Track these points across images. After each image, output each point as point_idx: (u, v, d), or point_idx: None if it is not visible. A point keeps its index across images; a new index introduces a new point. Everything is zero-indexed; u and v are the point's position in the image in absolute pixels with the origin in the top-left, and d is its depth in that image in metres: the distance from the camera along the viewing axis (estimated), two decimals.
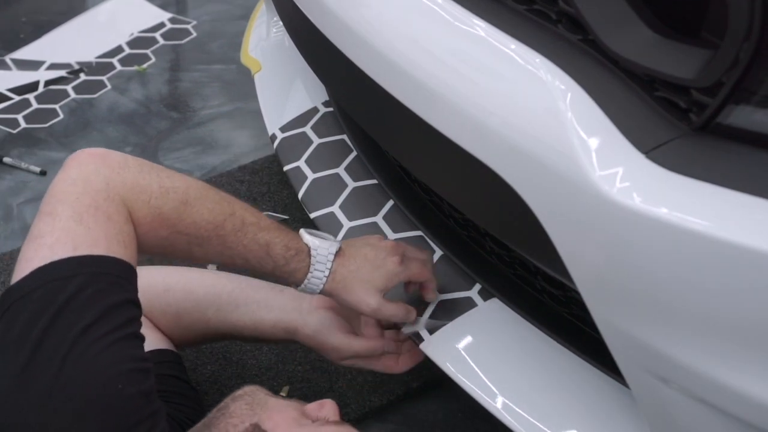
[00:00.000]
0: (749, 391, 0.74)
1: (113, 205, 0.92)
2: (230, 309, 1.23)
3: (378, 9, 1.04)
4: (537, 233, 0.84)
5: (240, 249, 1.03)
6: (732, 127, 0.75)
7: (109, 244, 0.89)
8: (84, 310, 0.84)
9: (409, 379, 1.39)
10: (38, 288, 0.85)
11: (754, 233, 0.70)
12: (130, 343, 0.87)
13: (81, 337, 0.83)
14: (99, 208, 0.91)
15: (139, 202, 0.94)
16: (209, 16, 2.54)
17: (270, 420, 0.98)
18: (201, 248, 1.01)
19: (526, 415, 1.03)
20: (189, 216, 0.98)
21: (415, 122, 0.95)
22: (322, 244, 1.08)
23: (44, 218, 0.90)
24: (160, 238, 0.97)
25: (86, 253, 0.87)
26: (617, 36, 0.82)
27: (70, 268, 0.86)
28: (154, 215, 0.95)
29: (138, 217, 0.94)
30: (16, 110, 2.11)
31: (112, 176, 0.93)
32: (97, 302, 0.85)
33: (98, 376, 0.83)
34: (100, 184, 0.92)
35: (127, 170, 0.95)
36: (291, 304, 1.22)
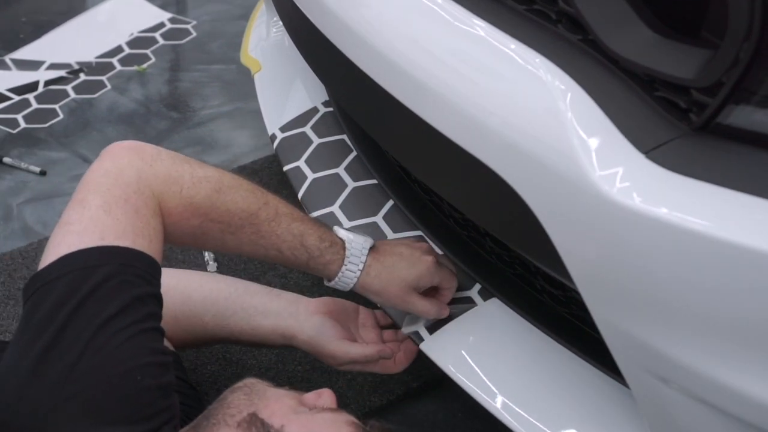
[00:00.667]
0: (749, 391, 0.74)
1: (142, 198, 0.93)
2: (227, 314, 1.24)
3: (378, 9, 1.04)
4: (537, 233, 0.84)
5: (274, 239, 1.04)
6: (732, 127, 0.75)
7: (135, 237, 0.90)
8: (108, 300, 0.85)
9: (409, 379, 1.39)
10: (65, 275, 0.86)
11: (754, 233, 0.70)
12: (151, 336, 0.87)
13: (104, 326, 0.83)
14: (128, 200, 0.92)
15: (170, 193, 0.95)
16: (209, 16, 2.54)
17: (267, 408, 0.98)
18: (234, 236, 1.02)
19: (525, 415, 1.03)
20: (222, 204, 0.99)
21: (415, 122, 0.95)
22: (356, 239, 1.09)
23: (75, 206, 0.91)
24: (192, 227, 0.98)
25: (113, 244, 0.88)
26: (617, 36, 0.82)
27: (97, 257, 0.87)
28: (186, 205, 0.97)
29: (169, 207, 0.95)
30: (15, 110, 2.11)
31: (144, 168, 0.94)
32: (121, 293, 0.86)
33: (117, 367, 0.83)
34: (131, 176, 0.93)
35: (159, 162, 0.96)
36: (288, 310, 1.22)
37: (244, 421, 0.96)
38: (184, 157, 1.00)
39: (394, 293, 1.10)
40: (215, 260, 1.61)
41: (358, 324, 1.24)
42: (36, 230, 1.74)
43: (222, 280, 1.30)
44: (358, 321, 1.24)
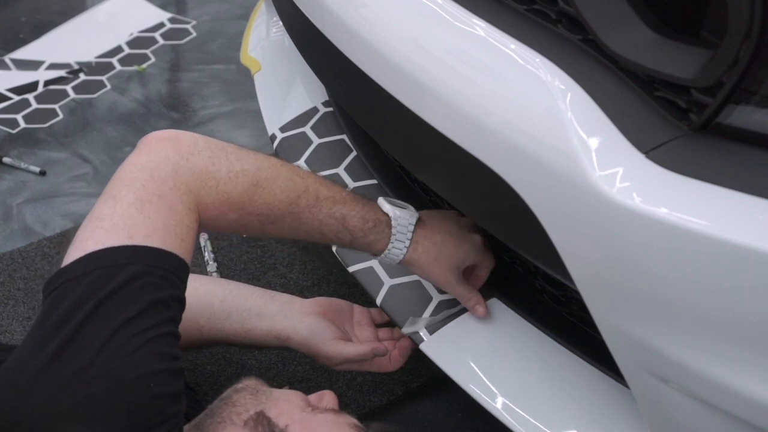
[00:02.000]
0: (749, 391, 0.74)
1: (178, 194, 0.91)
2: (222, 317, 1.23)
3: (378, 9, 1.04)
4: (537, 233, 0.84)
5: (315, 224, 1.03)
6: (732, 127, 0.75)
7: (166, 236, 0.88)
8: (129, 301, 0.84)
9: (409, 379, 1.39)
10: (89, 273, 0.84)
11: (754, 233, 0.70)
12: (166, 341, 0.86)
13: (120, 329, 0.82)
14: (163, 197, 0.90)
15: (206, 188, 0.94)
16: (209, 16, 2.53)
17: (275, 408, 0.98)
18: (274, 225, 1.01)
19: (525, 415, 1.03)
20: (260, 197, 0.98)
21: (415, 122, 0.95)
22: (402, 214, 1.07)
23: (107, 200, 0.90)
24: (230, 220, 0.97)
25: (141, 244, 0.86)
26: (617, 36, 0.82)
27: (124, 256, 0.85)
28: (223, 200, 0.95)
29: (206, 203, 0.94)
30: (15, 110, 2.11)
31: (181, 163, 0.92)
32: (144, 295, 0.84)
33: (130, 372, 0.82)
34: (168, 172, 0.91)
35: (197, 156, 0.94)
36: (282, 311, 1.22)
37: (251, 419, 0.96)
38: (222, 146, 0.98)
39: (438, 272, 1.10)
40: (215, 260, 1.61)
41: (353, 323, 1.24)
42: (36, 230, 1.74)
43: (216, 283, 1.30)
44: (353, 320, 1.24)
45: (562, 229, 0.83)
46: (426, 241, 1.08)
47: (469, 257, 1.11)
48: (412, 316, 1.17)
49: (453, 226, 1.11)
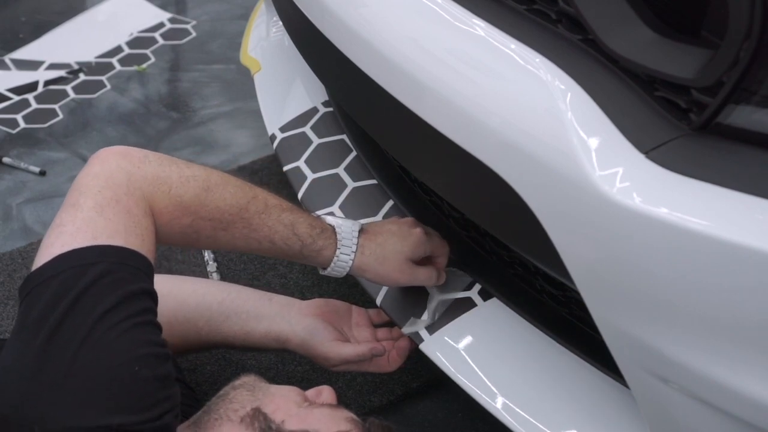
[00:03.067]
0: (749, 390, 0.74)
1: (133, 199, 0.94)
2: (221, 320, 1.24)
3: (378, 8, 1.04)
4: (537, 233, 0.84)
5: (266, 231, 1.05)
6: (732, 127, 0.75)
7: (128, 236, 0.91)
8: (103, 295, 0.86)
9: (409, 379, 1.39)
10: (59, 273, 0.87)
11: (754, 233, 0.70)
12: (147, 329, 0.88)
13: (99, 321, 0.84)
14: (119, 201, 0.93)
15: (159, 193, 0.97)
16: (209, 16, 2.53)
17: (272, 404, 0.99)
18: (226, 232, 1.03)
19: (525, 415, 1.03)
20: (211, 201, 1.00)
21: (415, 122, 0.95)
22: (345, 223, 1.10)
23: (67, 209, 0.93)
24: (183, 225, 1.00)
25: (106, 243, 0.89)
26: (617, 36, 0.82)
27: (91, 255, 0.88)
28: (176, 204, 0.98)
29: (159, 208, 0.97)
30: (15, 110, 2.11)
31: (132, 171, 0.96)
32: (116, 289, 0.87)
33: (114, 359, 0.84)
34: (121, 178, 0.95)
35: (147, 164, 0.98)
36: (280, 313, 1.23)
37: (247, 416, 0.97)
38: (170, 158, 1.01)
39: (392, 268, 1.11)
40: (215, 260, 1.61)
41: (351, 324, 1.24)
42: (35, 230, 1.74)
43: (214, 285, 1.30)
44: (351, 321, 1.24)
45: (562, 229, 0.83)
46: (371, 244, 1.11)
47: (417, 249, 1.13)
48: (412, 316, 1.17)
49: (393, 226, 1.14)
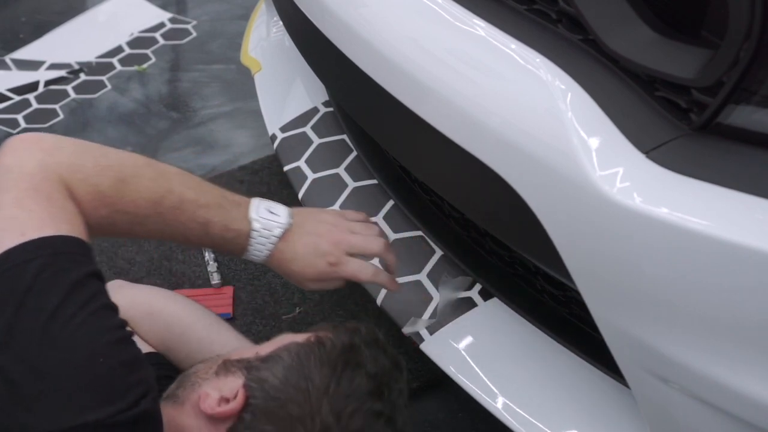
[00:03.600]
0: (749, 390, 0.74)
1: (51, 184, 0.91)
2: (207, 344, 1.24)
3: (378, 8, 1.04)
4: (537, 233, 0.84)
5: (178, 227, 1.02)
6: (732, 127, 0.75)
7: (55, 223, 0.88)
8: (47, 293, 0.84)
9: (409, 379, 1.39)
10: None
11: (754, 233, 0.70)
12: (101, 315, 0.86)
13: (50, 321, 0.82)
14: (38, 189, 0.90)
15: (76, 180, 0.93)
16: (209, 16, 2.54)
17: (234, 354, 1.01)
18: (142, 226, 1.01)
19: (526, 415, 1.03)
20: (127, 194, 0.97)
21: (415, 122, 0.95)
22: (265, 227, 1.06)
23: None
24: (100, 216, 0.96)
25: (36, 237, 0.86)
26: (617, 36, 0.82)
27: (24, 253, 0.85)
28: (93, 193, 0.95)
29: (78, 195, 0.94)
30: (16, 110, 2.11)
31: (45, 158, 0.92)
32: (58, 283, 0.84)
33: (76, 356, 0.82)
34: (34, 167, 0.91)
35: (60, 151, 0.94)
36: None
37: (219, 368, 0.99)
38: (88, 145, 0.98)
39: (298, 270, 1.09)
40: (215, 260, 1.61)
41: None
42: None
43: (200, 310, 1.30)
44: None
45: (562, 228, 0.83)
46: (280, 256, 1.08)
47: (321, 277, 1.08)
48: (413, 316, 1.17)
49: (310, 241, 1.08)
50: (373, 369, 0.97)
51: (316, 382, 0.94)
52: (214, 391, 0.96)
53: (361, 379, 0.96)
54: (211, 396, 0.96)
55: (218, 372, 0.99)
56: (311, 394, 0.93)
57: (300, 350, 0.98)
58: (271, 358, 0.97)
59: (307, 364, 0.96)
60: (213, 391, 0.97)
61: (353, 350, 0.98)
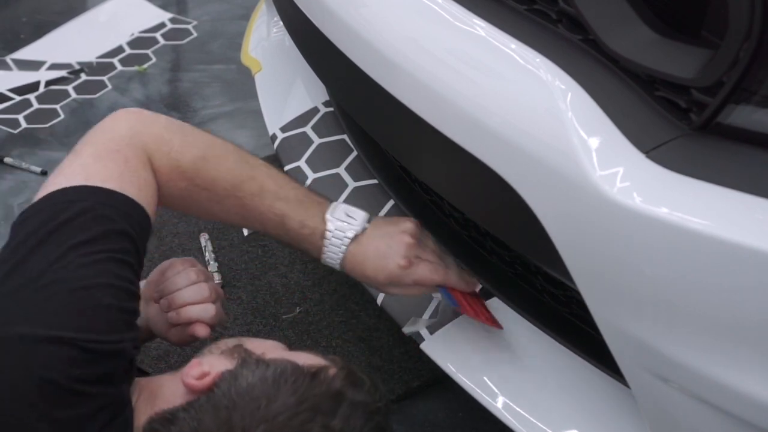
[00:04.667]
0: (749, 390, 0.74)
1: (133, 150, 0.97)
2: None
3: (378, 9, 1.04)
4: (537, 233, 0.84)
5: (256, 214, 1.05)
6: (732, 127, 0.75)
7: (122, 183, 0.93)
8: (81, 229, 0.88)
9: (410, 379, 1.39)
10: (46, 208, 0.90)
11: (754, 233, 0.70)
12: (119, 265, 0.89)
13: (72, 249, 0.86)
14: (119, 151, 0.96)
15: (159, 152, 0.99)
16: (209, 16, 2.54)
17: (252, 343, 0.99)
18: (220, 206, 1.04)
19: (526, 415, 1.03)
20: (207, 171, 1.02)
21: (416, 122, 0.95)
22: (338, 228, 1.06)
23: (69, 156, 0.98)
24: (179, 189, 1.01)
25: (97, 185, 0.92)
26: (617, 36, 0.82)
27: (79, 194, 0.91)
28: (173, 166, 1.00)
29: (158, 166, 0.99)
30: (16, 110, 2.11)
31: (138, 127, 0.99)
32: (96, 225, 0.89)
33: (79, 281, 0.85)
34: (126, 131, 0.98)
35: (154, 124, 1.01)
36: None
37: (228, 349, 0.99)
38: (181, 124, 1.03)
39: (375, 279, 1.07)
40: (216, 260, 1.61)
41: None
42: None
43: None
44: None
45: (563, 228, 0.83)
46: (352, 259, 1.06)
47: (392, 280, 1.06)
48: (413, 316, 1.17)
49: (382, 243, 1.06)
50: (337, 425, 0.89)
51: (273, 405, 0.89)
52: (206, 365, 0.95)
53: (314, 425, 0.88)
54: (199, 367, 0.94)
55: (224, 352, 0.98)
56: (259, 412, 0.88)
57: (289, 371, 0.93)
58: (263, 364, 0.94)
59: (282, 386, 0.91)
60: (205, 364, 0.95)
61: (334, 399, 0.91)
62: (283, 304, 1.54)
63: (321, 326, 1.49)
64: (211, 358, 0.98)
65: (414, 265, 1.06)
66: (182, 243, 1.65)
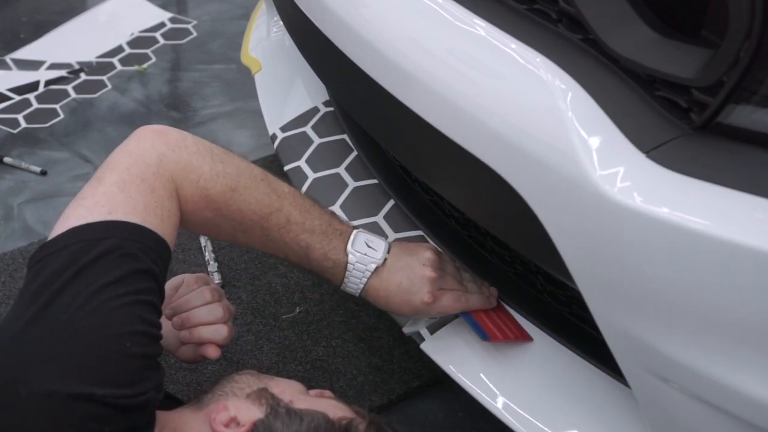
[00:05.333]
0: (749, 390, 0.74)
1: (160, 180, 0.94)
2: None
3: (378, 8, 1.04)
4: (538, 233, 0.84)
5: (281, 245, 1.05)
6: (732, 127, 0.75)
7: (146, 215, 0.91)
8: (108, 269, 0.86)
9: (410, 379, 1.39)
10: (69, 245, 0.87)
11: (755, 232, 0.70)
12: (144, 307, 0.88)
13: (98, 293, 0.85)
14: (145, 180, 0.93)
15: (187, 180, 0.97)
16: (209, 16, 2.54)
17: (277, 387, 1.01)
18: (245, 235, 1.03)
19: (526, 415, 1.03)
20: (235, 203, 1.00)
21: (416, 122, 0.95)
22: (360, 261, 1.06)
23: (92, 182, 0.93)
24: (205, 218, 1.00)
25: (121, 219, 0.89)
26: (618, 35, 0.82)
27: (103, 230, 0.88)
28: (201, 196, 0.98)
29: (185, 195, 0.97)
30: (16, 110, 2.11)
31: (166, 153, 0.96)
32: (122, 264, 0.87)
33: (107, 330, 0.84)
34: (152, 158, 0.95)
35: (183, 149, 0.97)
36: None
37: (254, 393, 0.99)
38: (208, 146, 1.01)
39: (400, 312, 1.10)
40: (216, 260, 1.61)
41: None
42: (36, 230, 1.74)
43: None
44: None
45: (563, 228, 0.83)
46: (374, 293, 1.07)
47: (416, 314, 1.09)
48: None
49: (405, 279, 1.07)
50: None
51: None
52: (233, 409, 0.97)
53: None
54: (226, 412, 0.96)
55: (250, 395, 0.99)
56: None
57: (322, 424, 0.96)
58: (295, 415, 0.96)
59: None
60: (232, 409, 0.97)
61: None
62: (283, 304, 1.54)
63: (321, 326, 1.49)
64: (237, 402, 0.98)
65: (438, 299, 1.08)
66: (182, 243, 1.65)
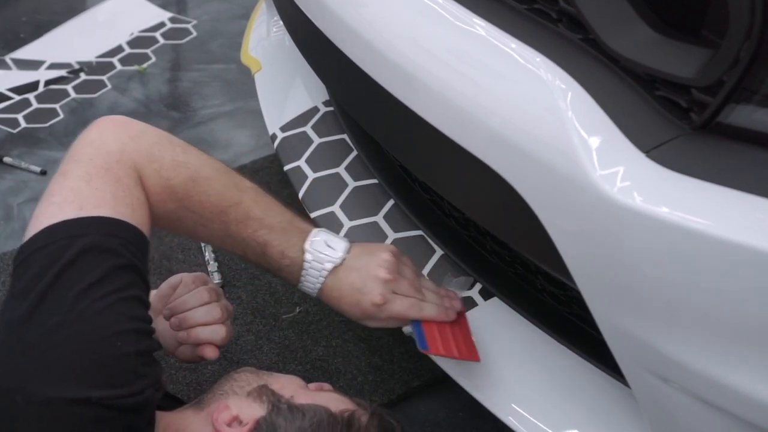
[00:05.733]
0: (749, 390, 0.74)
1: (124, 168, 0.93)
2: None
3: (378, 8, 1.04)
4: (537, 232, 0.84)
5: (239, 241, 1.04)
6: (733, 127, 0.75)
7: (116, 205, 0.90)
8: (88, 269, 0.86)
9: (410, 378, 1.39)
10: (46, 245, 0.87)
11: (755, 232, 0.70)
12: (131, 304, 0.88)
13: (84, 294, 0.84)
14: (109, 169, 0.92)
15: (149, 170, 0.96)
16: (209, 16, 2.54)
17: (277, 383, 1.00)
18: (205, 229, 1.02)
19: (526, 415, 1.03)
20: (196, 194, 0.99)
21: (416, 121, 0.95)
22: (316, 259, 1.05)
23: (57, 178, 0.92)
24: (168, 210, 0.99)
25: (92, 214, 0.88)
26: (618, 35, 0.82)
27: (77, 227, 0.88)
28: (164, 186, 0.97)
29: (148, 185, 0.96)
30: (16, 110, 2.11)
31: (127, 142, 0.95)
32: (102, 262, 0.86)
33: (97, 332, 0.84)
34: (114, 147, 0.94)
35: (144, 138, 0.96)
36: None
37: (254, 390, 0.99)
38: (170, 138, 1.00)
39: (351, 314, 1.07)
40: (216, 260, 1.61)
41: None
42: None
43: None
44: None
45: (563, 228, 0.83)
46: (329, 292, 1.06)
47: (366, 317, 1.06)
48: None
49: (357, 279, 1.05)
50: None
51: None
52: (234, 408, 0.96)
53: None
54: (228, 411, 0.96)
55: (251, 393, 0.99)
56: None
57: (325, 419, 0.96)
58: (297, 410, 0.96)
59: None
60: (234, 407, 0.97)
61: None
62: (283, 304, 1.54)
63: (321, 326, 1.49)
64: (238, 401, 0.98)
65: (389, 302, 1.05)
66: (182, 243, 1.65)
